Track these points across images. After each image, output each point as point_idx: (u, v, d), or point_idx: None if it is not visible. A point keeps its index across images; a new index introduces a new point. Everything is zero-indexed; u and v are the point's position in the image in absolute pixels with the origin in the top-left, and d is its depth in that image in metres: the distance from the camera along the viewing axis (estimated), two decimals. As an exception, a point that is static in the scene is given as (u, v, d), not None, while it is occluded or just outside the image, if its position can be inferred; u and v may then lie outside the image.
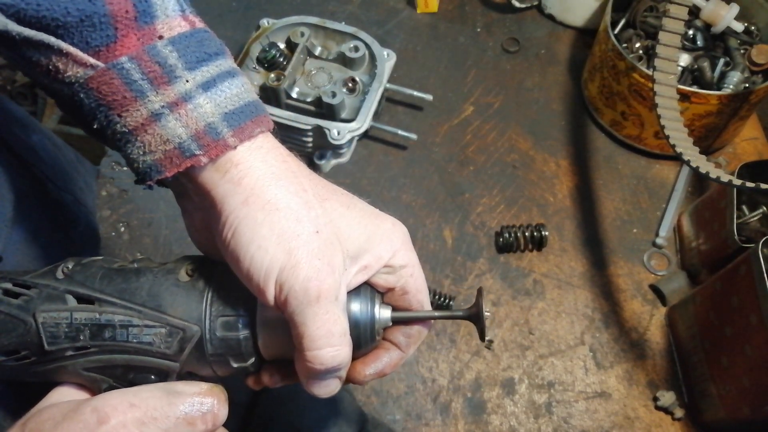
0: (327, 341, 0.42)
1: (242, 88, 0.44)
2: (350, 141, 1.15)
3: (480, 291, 0.49)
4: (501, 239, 1.09)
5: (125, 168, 1.15)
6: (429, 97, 1.21)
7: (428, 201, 1.16)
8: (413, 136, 1.17)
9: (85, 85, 0.41)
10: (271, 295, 0.42)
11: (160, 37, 0.42)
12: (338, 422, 0.84)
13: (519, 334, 1.03)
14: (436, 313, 0.50)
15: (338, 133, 1.09)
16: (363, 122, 1.11)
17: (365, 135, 1.19)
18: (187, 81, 0.42)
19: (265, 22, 1.21)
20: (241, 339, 0.46)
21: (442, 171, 1.19)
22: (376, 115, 1.18)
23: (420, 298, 0.49)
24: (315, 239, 0.42)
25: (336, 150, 1.17)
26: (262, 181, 0.43)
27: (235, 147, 0.43)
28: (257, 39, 1.18)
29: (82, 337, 0.45)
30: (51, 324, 0.45)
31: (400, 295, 0.48)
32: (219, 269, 0.47)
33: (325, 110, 1.13)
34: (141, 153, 0.42)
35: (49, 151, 0.88)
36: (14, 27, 0.39)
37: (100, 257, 0.49)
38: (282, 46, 1.19)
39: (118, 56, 0.41)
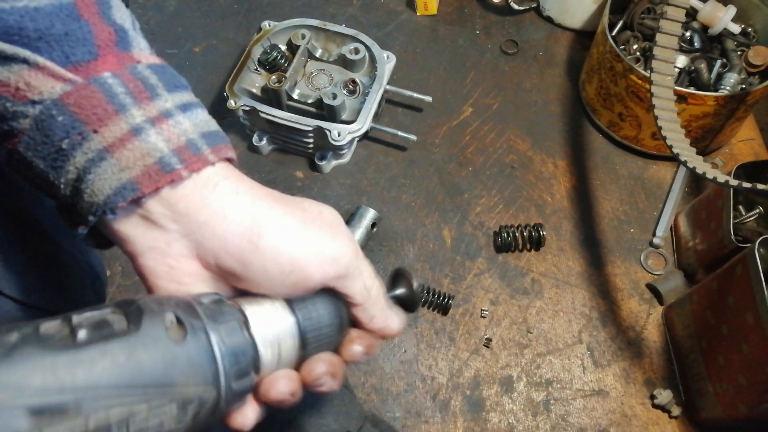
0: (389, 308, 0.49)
1: (211, 119, 0.46)
2: (350, 142, 1.16)
3: (399, 271, 0.53)
4: (499, 239, 1.10)
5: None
6: (428, 98, 1.22)
7: (427, 201, 1.17)
8: (413, 137, 1.18)
9: (59, 102, 0.40)
10: (330, 274, 0.44)
11: (138, 62, 0.43)
12: (338, 420, 0.84)
13: (517, 333, 1.04)
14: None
15: (339, 134, 1.10)
16: (363, 123, 1.12)
17: (365, 136, 1.20)
18: (167, 100, 0.42)
19: (266, 24, 1.22)
20: (253, 383, 0.42)
21: (441, 171, 1.20)
22: (376, 117, 1.19)
23: None
24: (334, 226, 0.47)
25: (336, 151, 1.18)
26: (255, 186, 0.45)
27: (214, 163, 0.43)
28: (259, 41, 1.19)
29: None
30: None
31: None
32: (202, 309, 0.40)
33: (326, 112, 1.14)
34: (116, 171, 0.40)
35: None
36: None
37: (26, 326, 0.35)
38: (283, 48, 1.20)
39: (100, 72, 0.41)
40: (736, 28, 1.15)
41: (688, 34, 1.19)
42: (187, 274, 0.44)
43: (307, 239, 0.44)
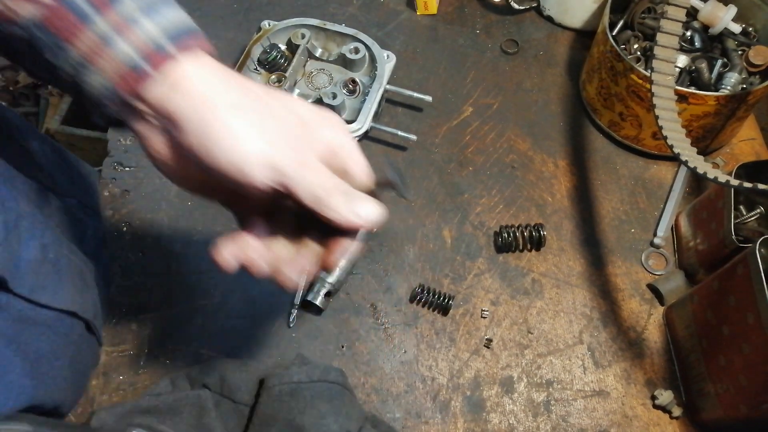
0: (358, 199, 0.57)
1: (181, 14, 0.50)
2: (350, 142, 1.16)
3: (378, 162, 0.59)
4: (500, 239, 1.10)
5: (127, 168, 1.16)
6: (428, 98, 1.22)
7: (428, 201, 1.16)
8: (413, 137, 1.18)
9: (38, 23, 0.45)
10: (269, 177, 0.49)
11: None
12: (338, 420, 0.84)
13: (518, 333, 1.04)
14: None
15: (338, 134, 1.10)
16: (363, 123, 1.11)
17: (365, 136, 1.20)
18: (128, 4, 0.47)
19: (266, 23, 1.22)
20: None
21: (441, 171, 1.20)
22: (376, 116, 1.19)
23: None
24: (291, 129, 0.52)
25: (336, 151, 1.18)
26: (219, 86, 0.49)
27: (177, 57, 0.48)
28: (258, 41, 1.19)
29: None
30: None
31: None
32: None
33: (326, 111, 1.13)
34: (98, 78, 0.46)
35: (49, 156, 0.88)
36: None
37: None
38: (283, 47, 1.20)
39: None
40: (736, 28, 1.15)
41: (688, 33, 1.19)
42: (172, 163, 0.52)
43: (252, 146, 0.49)
